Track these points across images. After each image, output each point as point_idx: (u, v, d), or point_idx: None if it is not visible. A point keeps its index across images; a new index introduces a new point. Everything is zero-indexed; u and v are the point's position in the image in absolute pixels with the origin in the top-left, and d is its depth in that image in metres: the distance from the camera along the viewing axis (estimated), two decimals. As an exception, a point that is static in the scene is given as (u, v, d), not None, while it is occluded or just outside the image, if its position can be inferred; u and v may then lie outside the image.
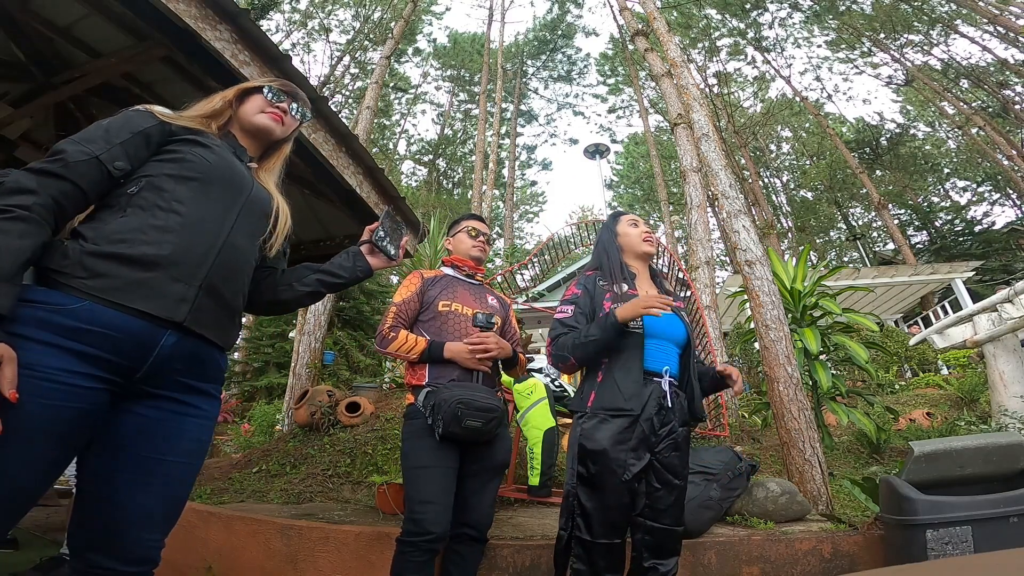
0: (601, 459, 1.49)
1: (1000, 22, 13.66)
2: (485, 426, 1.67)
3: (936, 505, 1.77)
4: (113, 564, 0.94)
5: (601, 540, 1.46)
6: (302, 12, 18.73)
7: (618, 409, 1.53)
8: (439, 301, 1.88)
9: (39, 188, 0.90)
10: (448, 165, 25.75)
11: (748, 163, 18.37)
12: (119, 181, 1.01)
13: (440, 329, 1.84)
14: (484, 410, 1.67)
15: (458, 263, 2.04)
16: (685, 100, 4.89)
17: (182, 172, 1.06)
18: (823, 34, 18.99)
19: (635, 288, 1.72)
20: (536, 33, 24.62)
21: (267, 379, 9.22)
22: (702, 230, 6.40)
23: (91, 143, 0.98)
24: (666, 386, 1.57)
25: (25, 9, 2.15)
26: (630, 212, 1.95)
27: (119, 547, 0.95)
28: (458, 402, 1.65)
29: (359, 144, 2.71)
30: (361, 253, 1.31)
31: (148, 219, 0.98)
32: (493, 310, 1.96)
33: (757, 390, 7.86)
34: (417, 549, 1.58)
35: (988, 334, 4.35)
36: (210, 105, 1.23)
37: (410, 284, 1.94)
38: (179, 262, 0.98)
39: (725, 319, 10.80)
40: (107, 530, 0.94)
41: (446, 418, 1.63)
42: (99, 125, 1.03)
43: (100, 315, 0.89)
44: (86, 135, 0.99)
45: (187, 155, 1.08)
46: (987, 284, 12.73)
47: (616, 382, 1.56)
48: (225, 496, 3.20)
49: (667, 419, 1.56)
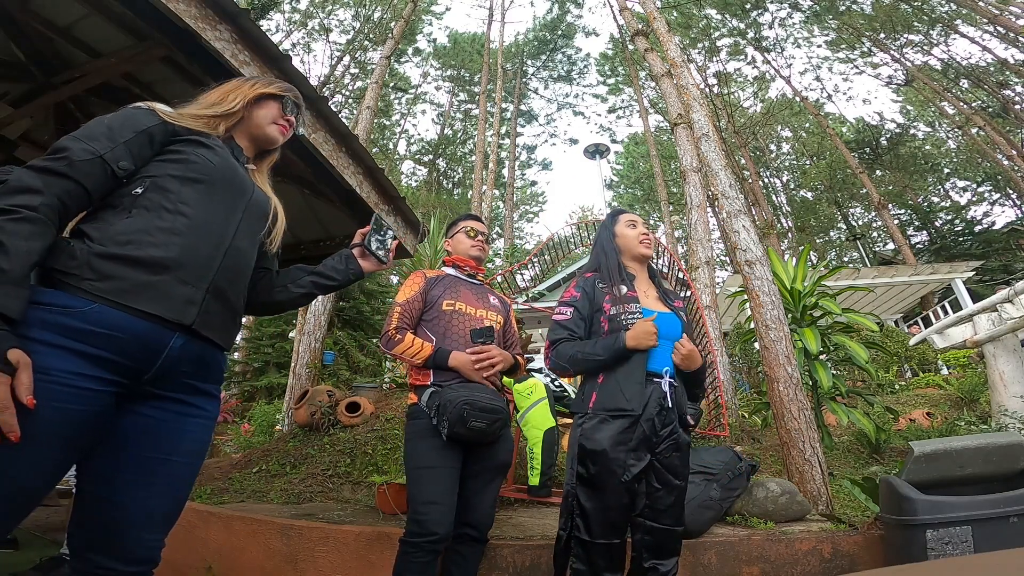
0: (601, 459, 1.49)
1: (1000, 22, 13.66)
2: (490, 427, 1.67)
3: (936, 505, 1.77)
4: (114, 564, 0.94)
5: (600, 540, 1.45)
6: (302, 12, 18.73)
7: (619, 410, 1.53)
8: (443, 300, 1.88)
9: (44, 187, 0.87)
10: (448, 165, 25.75)
11: (748, 163, 18.36)
12: (122, 181, 1.00)
13: (444, 328, 1.85)
14: (489, 411, 1.67)
15: (459, 263, 2.04)
16: (685, 100, 4.89)
17: (187, 173, 1.05)
18: (823, 34, 18.99)
19: (634, 290, 1.71)
20: (536, 33, 24.62)
21: (267, 379, 9.23)
22: (702, 230, 6.40)
23: (94, 141, 0.95)
24: (666, 387, 1.57)
25: (25, 9, 2.15)
26: (629, 211, 1.93)
27: (120, 547, 0.94)
28: (464, 403, 1.65)
29: (359, 144, 2.71)
30: (353, 256, 1.33)
31: (154, 220, 0.98)
32: (495, 310, 1.96)
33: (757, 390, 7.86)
34: (420, 550, 1.57)
35: (988, 334, 4.35)
36: (225, 106, 1.19)
37: (413, 284, 1.93)
38: (186, 264, 0.98)
39: (725, 319, 10.79)
40: (108, 530, 0.94)
41: (452, 419, 1.63)
42: (100, 122, 1.00)
43: (109, 317, 0.89)
44: (89, 132, 0.97)
45: (191, 156, 1.07)
46: (987, 284, 12.73)
47: (619, 383, 1.56)
48: (225, 496, 3.19)
49: (668, 419, 1.56)
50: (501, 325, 1.97)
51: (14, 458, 0.78)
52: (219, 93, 1.22)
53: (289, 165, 2.79)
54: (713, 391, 4.25)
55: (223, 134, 1.18)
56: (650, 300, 1.73)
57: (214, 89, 1.23)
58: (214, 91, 1.23)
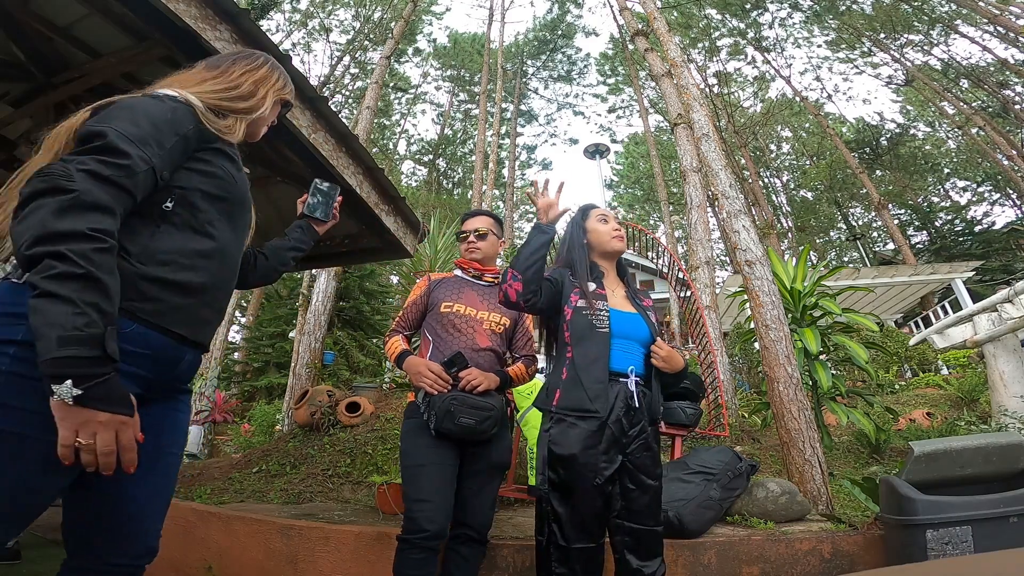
0: (571, 464, 1.47)
1: (1000, 22, 13.66)
2: (480, 424, 1.67)
3: (936, 505, 1.77)
4: (120, 559, 0.96)
5: (576, 545, 1.44)
6: (302, 12, 18.73)
7: (583, 410, 1.51)
8: (442, 302, 1.91)
9: (114, 205, 0.82)
10: (448, 165, 25.76)
11: (748, 163, 18.37)
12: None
13: (443, 329, 1.87)
14: (479, 408, 1.67)
15: (462, 265, 2.05)
16: (685, 100, 4.89)
17: (213, 190, 1.03)
18: (823, 34, 19.00)
19: (603, 287, 1.70)
20: (536, 33, 24.61)
21: (267, 379, 9.23)
22: (702, 230, 6.40)
23: (146, 146, 0.88)
24: (632, 386, 1.56)
25: (25, 9, 2.15)
26: (599, 207, 1.88)
27: (127, 540, 0.97)
28: (452, 398, 1.66)
29: (359, 144, 2.71)
30: (310, 225, 1.49)
31: (188, 242, 0.98)
32: (499, 311, 1.94)
33: (757, 390, 7.86)
34: (415, 547, 1.58)
35: (988, 334, 4.35)
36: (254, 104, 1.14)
37: (418, 288, 2.00)
38: (211, 290, 1.03)
39: (725, 319, 10.80)
40: (116, 525, 0.96)
41: (439, 414, 1.65)
42: (145, 117, 0.91)
43: (147, 338, 0.92)
44: (139, 133, 0.88)
45: (218, 171, 1.04)
46: (987, 284, 12.73)
47: (581, 380, 1.54)
48: (225, 496, 3.20)
49: (636, 419, 1.55)
50: (505, 327, 1.94)
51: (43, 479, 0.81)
52: (250, 83, 1.15)
53: (289, 165, 2.79)
54: (713, 391, 4.25)
55: (240, 139, 1.13)
56: (617, 299, 1.71)
57: (241, 69, 1.15)
58: (243, 74, 1.14)
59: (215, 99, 1.07)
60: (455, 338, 1.84)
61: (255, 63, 1.18)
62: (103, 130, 0.85)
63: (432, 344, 1.87)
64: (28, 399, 0.77)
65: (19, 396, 0.77)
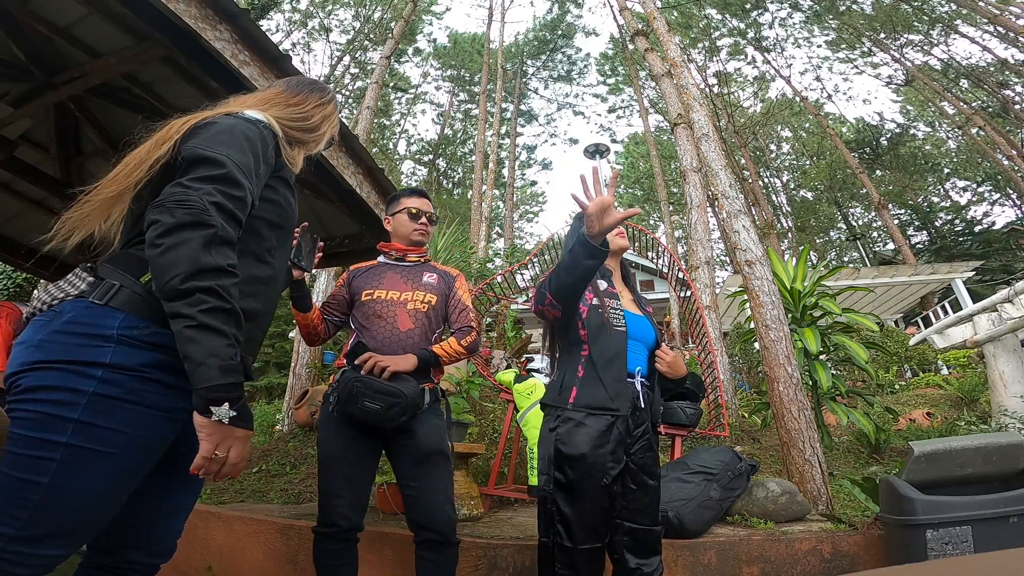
0: (580, 464, 1.45)
1: (1000, 22, 13.66)
2: (386, 411, 1.56)
3: (936, 505, 1.77)
4: (139, 557, 0.98)
5: (583, 546, 1.43)
6: (302, 12, 18.73)
7: (603, 408, 1.50)
8: (363, 291, 1.85)
9: (235, 240, 0.87)
10: (448, 165, 25.75)
11: (748, 163, 18.37)
12: None
13: (365, 317, 1.81)
14: (385, 393, 1.57)
15: (385, 249, 1.96)
16: (685, 100, 4.89)
17: (275, 219, 1.04)
18: (823, 34, 19.00)
19: (613, 286, 1.69)
20: (536, 33, 24.61)
21: (267, 379, 9.24)
22: (702, 230, 6.40)
23: (251, 177, 0.92)
24: (639, 386, 1.57)
25: (25, 9, 2.15)
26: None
27: (149, 540, 0.99)
28: (356, 380, 1.58)
29: (359, 144, 2.71)
30: (290, 270, 1.60)
31: (249, 268, 0.98)
32: (426, 289, 1.87)
33: (757, 390, 7.86)
34: (330, 540, 1.58)
35: (988, 334, 4.35)
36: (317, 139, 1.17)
37: (339, 280, 1.96)
38: (264, 315, 1.07)
39: (725, 319, 10.79)
40: (141, 524, 0.98)
41: (342, 396, 1.60)
42: (249, 146, 0.94)
43: None
44: (247, 163, 0.92)
45: (281, 199, 1.06)
46: (987, 284, 12.74)
47: (600, 378, 1.53)
48: (225, 496, 3.20)
49: (641, 419, 1.56)
50: (431, 304, 1.85)
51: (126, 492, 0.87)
52: (319, 117, 1.17)
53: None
54: (713, 391, 4.25)
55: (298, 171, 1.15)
56: (625, 301, 1.71)
57: (315, 101, 1.17)
58: (315, 107, 1.17)
59: (289, 127, 1.11)
60: (376, 325, 1.78)
61: (326, 98, 1.21)
62: (220, 159, 0.87)
63: (356, 334, 1.82)
64: (114, 419, 0.81)
65: (105, 416, 0.80)
